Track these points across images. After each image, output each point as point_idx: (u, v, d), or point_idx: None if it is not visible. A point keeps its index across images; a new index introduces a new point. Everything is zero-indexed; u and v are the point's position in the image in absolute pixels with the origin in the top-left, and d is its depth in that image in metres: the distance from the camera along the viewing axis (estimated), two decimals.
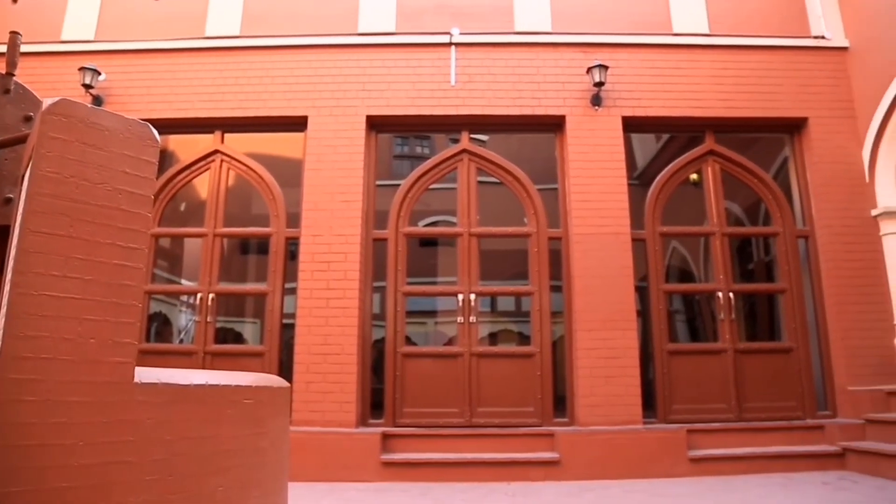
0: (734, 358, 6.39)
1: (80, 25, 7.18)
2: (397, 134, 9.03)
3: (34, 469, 1.54)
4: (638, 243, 6.63)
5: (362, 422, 6.18)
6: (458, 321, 6.53)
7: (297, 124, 6.86)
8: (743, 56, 7.00)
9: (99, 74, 6.73)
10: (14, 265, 1.64)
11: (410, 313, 6.93)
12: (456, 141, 7.03)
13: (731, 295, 6.58)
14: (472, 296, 6.52)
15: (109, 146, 1.80)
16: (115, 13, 7.27)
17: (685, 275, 11.37)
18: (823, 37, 7.06)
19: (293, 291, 6.50)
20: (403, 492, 5.26)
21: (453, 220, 6.97)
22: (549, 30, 7.05)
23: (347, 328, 6.20)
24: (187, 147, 7.19)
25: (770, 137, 7.30)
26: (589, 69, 6.69)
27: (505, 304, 14.81)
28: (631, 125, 6.89)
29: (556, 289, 6.64)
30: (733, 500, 4.71)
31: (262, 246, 8.55)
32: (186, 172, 6.95)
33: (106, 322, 1.71)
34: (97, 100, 6.73)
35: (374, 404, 6.42)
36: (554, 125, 6.92)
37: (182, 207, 8.87)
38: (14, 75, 2.49)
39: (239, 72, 6.93)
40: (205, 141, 7.02)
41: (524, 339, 11.06)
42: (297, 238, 6.57)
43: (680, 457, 5.77)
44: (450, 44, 6.94)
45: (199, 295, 6.60)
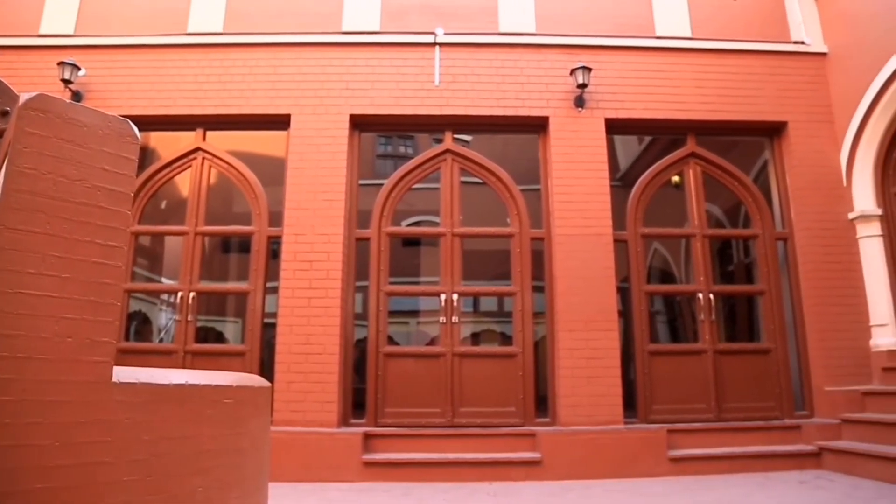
0: (714, 358, 6.46)
1: (60, 19, 7.06)
2: (381, 133, 9.02)
3: (8, 470, 1.51)
4: (620, 244, 6.67)
5: (344, 422, 6.15)
6: (441, 321, 6.53)
7: (280, 122, 6.82)
8: (724, 60, 7.07)
9: (79, 69, 6.63)
10: None
11: (393, 313, 6.91)
12: (439, 141, 7.03)
13: (712, 296, 6.64)
14: (455, 296, 6.52)
15: (88, 142, 1.78)
16: (96, 7, 7.17)
17: (666, 276, 11.47)
18: (803, 42, 7.15)
19: (275, 290, 6.46)
20: (385, 492, 5.25)
21: (436, 220, 6.97)
22: (533, 31, 7.07)
23: (329, 327, 6.18)
24: (169, 144, 7.12)
25: (750, 141, 7.38)
26: (572, 71, 6.71)
27: (487, 305, 14.84)
28: (614, 127, 6.92)
29: (539, 289, 6.67)
30: (712, 500, 4.76)
31: (244, 244, 8.50)
32: (168, 170, 6.87)
33: (84, 321, 1.69)
34: (76, 95, 6.64)
35: (356, 404, 6.40)
36: (537, 126, 6.94)
37: (163, 205, 8.78)
38: None
39: (222, 69, 6.87)
40: (186, 138, 6.95)
41: (506, 340, 11.08)
42: (280, 237, 6.53)
43: (660, 456, 5.82)
44: (434, 44, 6.94)
45: (180, 293, 6.54)
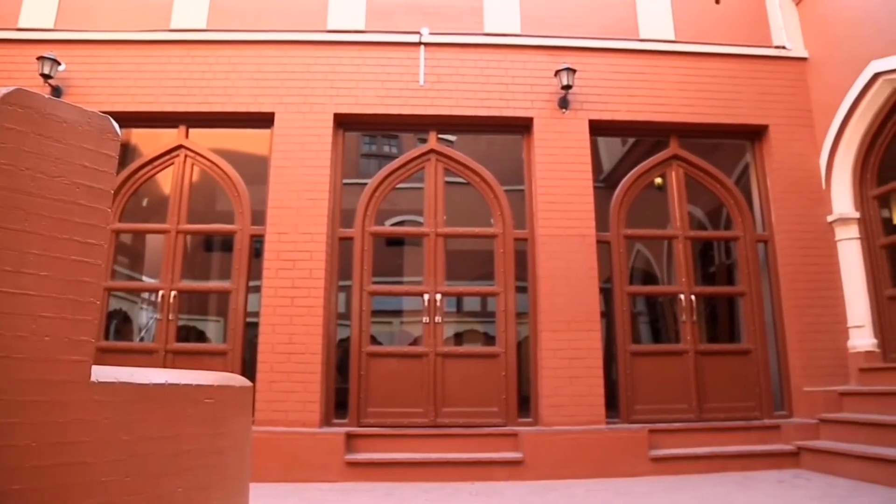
0: (695, 359, 6.51)
1: (39, 12, 6.95)
2: (365, 132, 9.01)
3: None
4: (603, 245, 6.71)
5: (326, 422, 6.13)
6: (424, 321, 6.52)
7: (264, 121, 6.77)
8: (707, 63, 7.13)
9: (58, 64, 6.53)
10: None
11: (376, 313, 6.91)
12: (424, 141, 7.02)
13: (693, 297, 6.70)
14: (438, 296, 6.52)
15: (67, 139, 1.76)
16: (77, 1, 7.06)
17: (648, 277, 11.57)
18: (784, 47, 7.24)
19: (257, 289, 6.42)
20: (367, 492, 5.23)
21: (420, 220, 6.96)
22: (518, 32, 7.08)
23: (312, 327, 6.15)
24: (150, 141, 7.04)
25: (732, 143, 7.46)
26: (557, 72, 6.74)
27: (471, 305, 14.89)
28: (597, 128, 6.96)
29: (522, 290, 6.69)
30: (693, 499, 4.80)
31: (227, 243, 8.44)
32: (149, 167, 6.79)
33: (62, 319, 1.68)
34: (56, 90, 6.54)
35: (339, 404, 6.38)
36: (522, 127, 6.95)
37: (144, 203, 8.70)
38: None
39: (205, 66, 6.80)
40: (168, 135, 6.88)
41: (489, 340, 11.13)
42: (262, 236, 6.49)
43: (642, 456, 5.86)
44: (419, 43, 6.93)
45: (161, 292, 6.48)
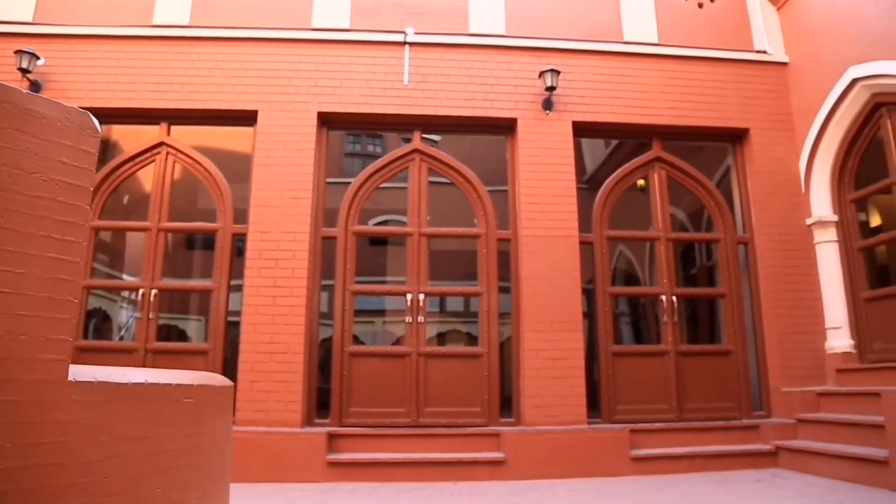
0: (676, 360, 6.57)
1: (18, 5, 6.82)
2: (349, 131, 8.99)
3: None
4: (585, 246, 6.74)
5: (308, 421, 6.10)
6: (407, 321, 6.52)
7: (247, 118, 6.72)
8: (690, 66, 7.19)
9: (37, 59, 6.43)
10: None
11: (359, 312, 6.89)
12: (408, 140, 7.01)
13: (675, 298, 6.76)
14: (421, 296, 6.52)
15: (46, 134, 1.74)
16: None
17: (630, 278, 11.67)
18: (765, 51, 7.33)
19: (239, 288, 6.38)
20: (349, 492, 5.22)
21: (403, 220, 6.96)
22: (503, 33, 7.09)
23: (294, 326, 6.12)
24: (131, 138, 6.97)
25: (714, 146, 7.53)
26: (541, 73, 6.76)
27: (454, 305, 14.92)
28: (581, 130, 6.99)
29: (505, 290, 6.70)
30: (673, 498, 4.84)
31: (208, 241, 8.38)
32: (130, 164, 6.71)
33: (39, 318, 1.65)
34: (35, 85, 6.45)
35: (321, 404, 6.35)
36: (506, 128, 6.97)
37: (125, 200, 8.62)
38: None
39: (187, 62, 6.74)
40: (150, 132, 6.80)
41: (472, 340, 11.13)
42: (244, 234, 6.44)
43: (623, 456, 5.90)
44: (404, 43, 6.92)
45: (142, 291, 6.41)
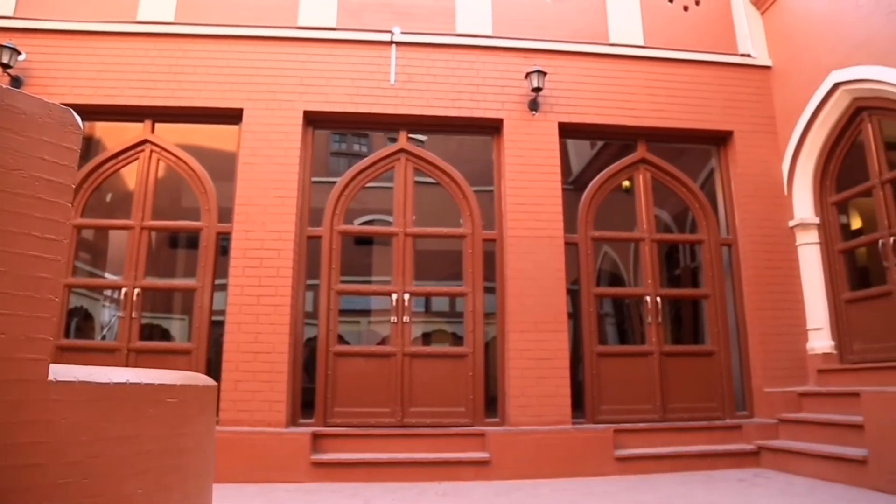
0: (660, 360, 6.60)
1: None
2: (335, 131, 8.97)
3: None
4: (570, 247, 6.76)
5: (292, 421, 6.07)
6: (392, 321, 6.50)
7: (232, 116, 6.68)
8: (675, 69, 7.24)
9: (19, 54, 6.34)
10: None
11: (344, 312, 6.88)
12: (394, 140, 7.00)
13: (659, 299, 6.79)
14: (407, 296, 6.51)
15: (27, 131, 1.71)
16: None
17: (615, 279, 11.72)
18: (749, 55, 7.39)
19: (223, 288, 6.33)
20: (334, 492, 5.20)
21: (389, 220, 6.95)
22: (490, 33, 7.10)
23: (279, 326, 6.09)
24: (115, 135, 6.91)
25: (698, 148, 7.59)
26: (527, 74, 6.78)
27: (439, 305, 14.93)
28: (567, 131, 7.02)
29: (490, 290, 6.71)
30: (656, 498, 4.86)
31: (192, 240, 8.32)
32: (113, 162, 6.65)
33: (18, 316, 1.63)
34: (16, 81, 6.37)
35: (305, 404, 6.32)
36: (492, 128, 6.98)
37: (108, 198, 8.54)
38: None
39: (172, 60, 6.69)
40: (133, 130, 6.74)
41: (457, 340, 11.14)
42: (229, 233, 6.40)
43: (607, 456, 5.92)
44: (390, 42, 6.91)
45: (124, 289, 6.35)
